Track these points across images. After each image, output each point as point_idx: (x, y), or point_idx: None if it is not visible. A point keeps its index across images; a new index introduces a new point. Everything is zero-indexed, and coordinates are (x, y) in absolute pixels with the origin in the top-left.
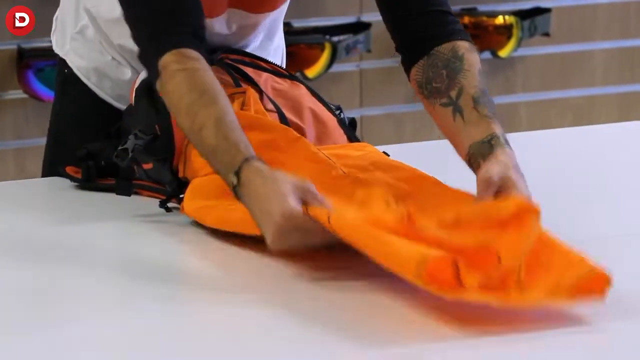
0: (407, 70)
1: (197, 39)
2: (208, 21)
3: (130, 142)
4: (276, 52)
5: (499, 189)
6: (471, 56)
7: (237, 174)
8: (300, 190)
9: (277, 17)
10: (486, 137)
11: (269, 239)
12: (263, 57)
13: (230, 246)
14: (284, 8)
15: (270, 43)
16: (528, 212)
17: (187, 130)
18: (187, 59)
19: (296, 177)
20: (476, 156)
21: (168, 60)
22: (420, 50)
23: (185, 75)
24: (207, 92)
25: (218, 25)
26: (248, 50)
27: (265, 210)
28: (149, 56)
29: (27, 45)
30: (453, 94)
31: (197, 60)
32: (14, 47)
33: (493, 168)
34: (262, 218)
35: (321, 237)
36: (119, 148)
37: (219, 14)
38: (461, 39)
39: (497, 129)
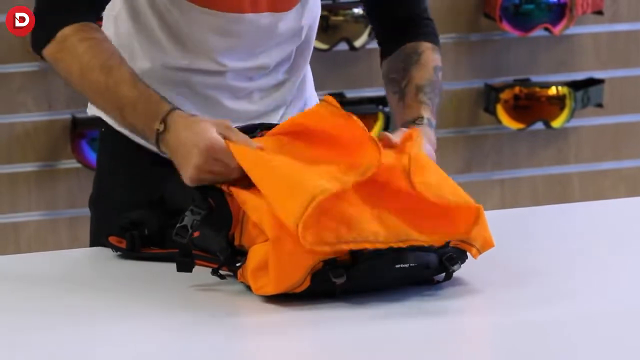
0: (381, 61)
1: (94, 16)
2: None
3: (188, 219)
4: (310, 99)
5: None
6: (431, 54)
7: (164, 120)
8: (220, 126)
9: (304, 48)
10: (414, 118)
11: (187, 173)
12: (294, 91)
13: (289, 310)
14: (311, 37)
15: (302, 91)
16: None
17: (100, 86)
18: (93, 30)
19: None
20: None
21: (73, 29)
22: (392, 48)
23: (93, 41)
24: (115, 54)
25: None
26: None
27: (189, 144)
28: (48, 23)
29: (81, 114)
30: (403, 83)
31: (102, 31)
32: (68, 116)
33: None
34: (184, 154)
35: (238, 172)
36: (178, 226)
37: (238, 10)
38: (428, 41)
39: (426, 113)
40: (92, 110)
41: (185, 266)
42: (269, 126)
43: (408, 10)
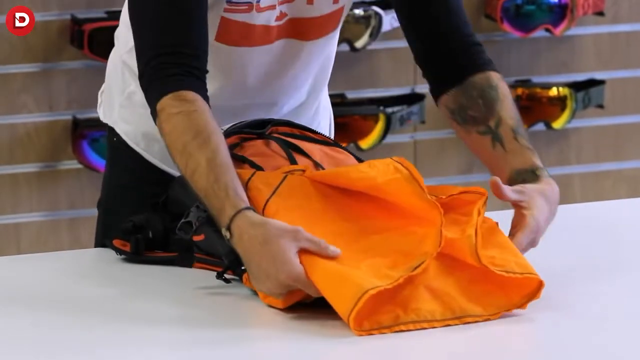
0: (437, 96)
1: (197, 79)
2: (254, 49)
3: (193, 215)
4: (324, 112)
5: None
6: (503, 85)
7: (229, 228)
8: (294, 238)
9: (325, 65)
10: (529, 167)
11: (265, 289)
12: (311, 114)
13: (295, 315)
14: (331, 51)
15: (315, 98)
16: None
17: (182, 172)
18: (184, 101)
19: (286, 225)
20: (520, 182)
21: (165, 104)
22: (452, 80)
23: (181, 117)
24: (201, 133)
25: (265, 54)
26: (298, 103)
27: (265, 270)
28: (149, 96)
29: (82, 115)
30: (492, 123)
31: (193, 102)
32: (69, 117)
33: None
34: (261, 277)
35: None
36: (182, 221)
37: (269, 42)
38: (493, 70)
39: (538, 161)
40: (104, 118)
41: (185, 261)
42: (280, 122)
43: (458, 40)
